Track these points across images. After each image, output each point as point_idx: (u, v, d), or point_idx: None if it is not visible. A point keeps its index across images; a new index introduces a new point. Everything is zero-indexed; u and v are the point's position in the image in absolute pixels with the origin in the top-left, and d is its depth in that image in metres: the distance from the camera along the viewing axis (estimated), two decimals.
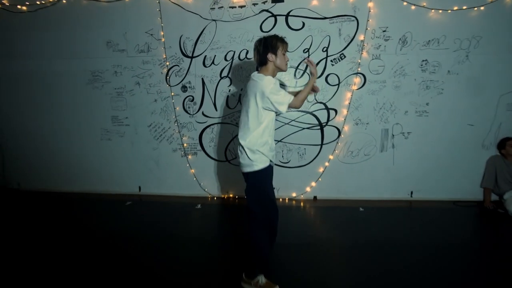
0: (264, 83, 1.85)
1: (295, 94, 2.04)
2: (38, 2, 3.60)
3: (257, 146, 1.89)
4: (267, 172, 1.95)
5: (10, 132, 3.85)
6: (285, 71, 2.05)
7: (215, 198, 3.64)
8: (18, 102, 3.77)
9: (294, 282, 1.99)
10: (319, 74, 3.38)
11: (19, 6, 3.61)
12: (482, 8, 3.19)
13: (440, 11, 3.22)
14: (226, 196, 3.67)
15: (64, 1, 3.55)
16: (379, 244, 2.48)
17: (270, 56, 1.91)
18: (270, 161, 1.96)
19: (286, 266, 2.16)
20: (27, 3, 3.60)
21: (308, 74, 3.33)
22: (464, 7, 3.20)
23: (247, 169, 1.92)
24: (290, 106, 1.93)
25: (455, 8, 3.21)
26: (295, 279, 2.02)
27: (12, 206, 3.41)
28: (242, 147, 1.92)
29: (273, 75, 1.97)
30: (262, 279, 1.89)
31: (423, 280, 2.00)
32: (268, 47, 1.91)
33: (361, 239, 2.57)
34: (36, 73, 3.69)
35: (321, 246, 2.48)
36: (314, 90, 2.15)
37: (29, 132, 3.81)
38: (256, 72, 1.99)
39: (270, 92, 1.83)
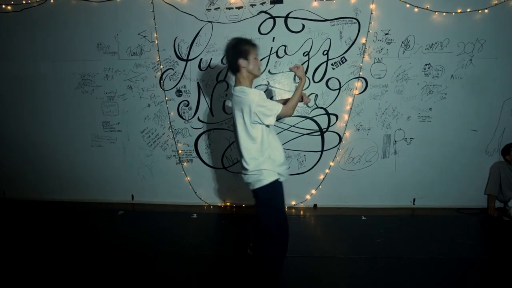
0: (249, 98, 1.74)
1: (284, 101, 1.93)
2: (23, 2, 3.41)
3: (260, 166, 1.78)
4: (277, 186, 1.83)
5: None
6: (258, 76, 1.95)
7: (211, 206, 3.50)
8: (3, 106, 3.58)
9: None
10: (320, 78, 3.27)
11: (3, 6, 3.42)
12: (486, 11, 3.12)
13: (444, 13, 3.14)
14: (223, 204, 3.54)
15: (52, 1, 3.38)
16: (382, 256, 2.38)
17: (242, 62, 1.82)
18: (279, 174, 1.84)
19: (287, 279, 2.04)
20: (12, 2, 3.41)
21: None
22: (468, 10, 3.12)
23: (256, 186, 1.81)
24: (280, 116, 1.83)
25: (459, 10, 3.12)
26: None
27: None
28: (245, 169, 1.82)
29: (251, 82, 1.88)
30: None
31: None
32: (239, 52, 1.81)
33: (362, 251, 2.46)
34: (22, 76, 3.50)
35: (323, 258, 2.37)
36: (303, 100, 2.03)
37: (15, 138, 3.62)
38: (236, 86, 1.87)
39: (256, 105, 1.73)
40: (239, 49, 1.82)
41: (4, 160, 3.70)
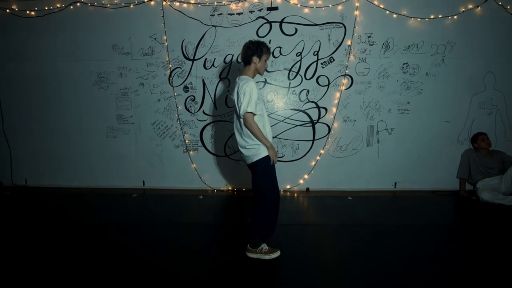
0: (247, 84, 2.11)
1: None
2: (46, 8, 3.81)
3: (257, 142, 2.17)
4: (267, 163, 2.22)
5: (19, 130, 4.04)
6: (261, 74, 2.38)
7: (215, 190, 3.91)
8: (26, 102, 3.97)
9: (289, 255, 2.27)
10: (311, 75, 3.70)
11: (28, 12, 3.82)
12: (455, 17, 3.57)
13: (419, 19, 3.58)
14: (225, 188, 3.94)
15: (72, 7, 3.78)
16: (364, 225, 2.79)
17: (255, 59, 2.21)
18: None
19: (282, 242, 2.43)
20: (36, 8, 3.81)
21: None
22: (440, 16, 3.57)
23: (254, 159, 2.18)
24: (245, 118, 2.11)
25: (432, 16, 3.57)
26: (290, 253, 2.30)
27: (20, 202, 3.58)
28: (245, 144, 2.19)
29: (253, 76, 2.28)
30: (265, 246, 2.20)
31: (404, 253, 2.31)
32: (256, 50, 2.20)
33: (348, 221, 2.88)
34: (44, 75, 3.90)
35: (312, 226, 2.79)
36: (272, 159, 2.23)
37: (36, 131, 4.01)
38: (241, 75, 2.27)
39: (244, 91, 2.09)
40: (257, 48, 2.20)
41: (26, 151, 4.08)
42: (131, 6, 3.71)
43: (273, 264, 2.15)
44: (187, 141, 3.89)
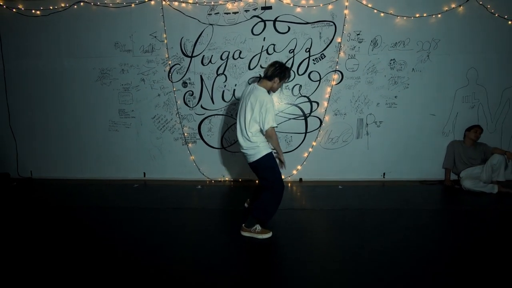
0: (268, 98, 2.36)
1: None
2: (51, 7, 4.00)
3: (260, 142, 2.42)
4: (272, 155, 2.48)
5: (25, 125, 4.22)
6: (273, 92, 2.60)
7: (213, 181, 4.10)
8: (33, 97, 4.15)
9: (283, 235, 2.46)
10: (303, 71, 3.90)
11: (33, 11, 4.00)
12: (439, 15, 3.77)
13: (405, 17, 3.78)
14: (222, 179, 4.13)
15: (75, 6, 3.97)
16: (353, 209, 2.99)
17: (276, 79, 2.45)
18: (270, 148, 2.50)
19: (275, 224, 2.63)
20: (41, 8, 4.00)
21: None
22: (425, 14, 3.77)
23: (257, 157, 2.41)
24: (268, 131, 2.38)
25: (417, 15, 3.77)
26: (284, 234, 2.49)
27: (26, 192, 3.76)
28: (249, 143, 2.41)
29: (268, 89, 2.50)
30: (258, 227, 2.40)
31: (390, 231, 2.50)
32: (280, 73, 2.44)
33: (338, 206, 3.08)
34: (49, 71, 4.08)
35: (304, 210, 2.98)
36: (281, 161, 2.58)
37: (42, 125, 4.19)
38: (260, 85, 2.48)
39: (267, 107, 2.32)
40: (282, 72, 2.45)
41: (31, 144, 4.26)
42: (132, 5, 3.90)
43: (265, 243, 2.34)
44: (185, 134, 4.08)
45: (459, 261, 2.06)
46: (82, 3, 3.94)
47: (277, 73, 2.44)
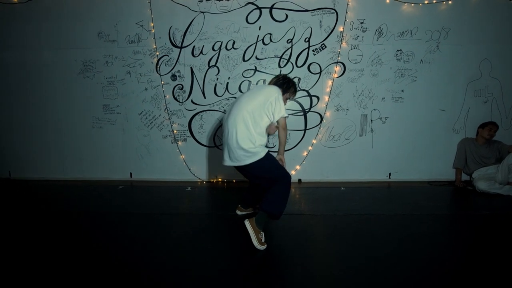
0: (279, 92, 2.26)
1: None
2: None
3: (262, 144, 2.23)
4: (269, 153, 2.28)
5: (2, 122, 3.91)
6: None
7: (204, 182, 3.79)
8: (9, 92, 3.84)
9: (279, 244, 2.16)
10: (302, 63, 3.60)
11: None
12: (450, 2, 3.47)
13: (413, 4, 3.49)
14: (215, 180, 3.83)
15: None
16: (356, 215, 2.68)
17: (286, 94, 2.42)
18: (267, 147, 2.31)
19: (273, 231, 2.33)
20: None
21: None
22: (434, 1, 3.47)
23: (255, 158, 2.16)
24: (281, 121, 2.27)
25: (426, 1, 3.48)
26: (280, 242, 2.19)
27: (3, 194, 3.45)
28: (251, 146, 2.16)
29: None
30: (263, 236, 2.09)
31: (394, 242, 2.20)
32: (290, 89, 2.44)
33: (340, 210, 2.77)
34: (27, 64, 3.77)
35: (303, 216, 2.68)
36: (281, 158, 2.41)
37: (20, 121, 3.88)
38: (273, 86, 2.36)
39: (276, 97, 2.21)
40: (290, 88, 2.43)
41: (10, 142, 3.94)
42: None
43: (261, 253, 2.04)
44: (175, 132, 3.78)
45: (478, 275, 1.76)
46: None
47: (290, 88, 2.41)
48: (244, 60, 3.60)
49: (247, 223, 2.08)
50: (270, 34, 3.57)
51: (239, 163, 2.21)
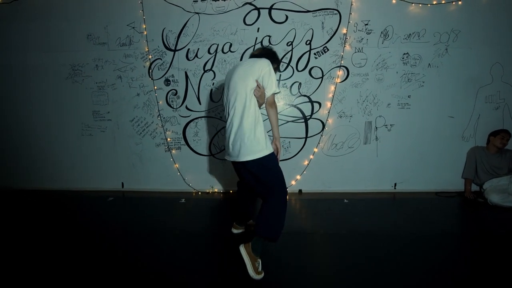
0: (268, 63, 1.97)
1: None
2: None
3: (265, 139, 1.97)
4: (275, 154, 2.04)
5: None
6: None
7: (199, 193, 3.59)
8: None
9: (277, 268, 1.98)
10: (303, 67, 3.40)
11: None
12: (460, 2, 3.27)
13: (420, 5, 3.29)
14: (210, 191, 3.63)
15: None
16: (361, 234, 2.48)
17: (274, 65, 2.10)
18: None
19: (271, 253, 2.13)
20: None
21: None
22: (443, 1, 3.27)
23: (262, 155, 1.92)
24: (270, 98, 2.01)
25: (435, 2, 3.28)
26: (279, 265, 2.01)
27: None
28: (254, 140, 1.93)
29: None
30: (260, 265, 1.89)
31: (404, 267, 2.01)
32: (275, 59, 2.19)
33: (343, 229, 2.57)
34: (12, 67, 3.56)
35: (304, 234, 2.48)
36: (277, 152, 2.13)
37: (5, 129, 3.67)
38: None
39: (269, 70, 1.95)
40: (276, 58, 2.21)
41: None
42: None
43: (257, 282, 1.84)
44: (169, 139, 3.58)
45: None
46: None
47: (266, 54, 2.12)
48: None
49: (242, 250, 1.88)
50: (269, 36, 3.37)
51: (241, 158, 1.96)
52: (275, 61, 2.18)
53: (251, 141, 1.91)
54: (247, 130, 1.92)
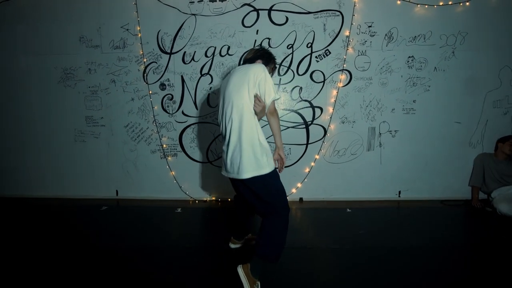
0: (263, 68, 1.83)
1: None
2: None
3: (268, 154, 1.85)
4: (277, 171, 1.91)
5: None
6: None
7: (196, 201, 3.46)
8: None
9: (278, 285, 1.85)
10: (304, 71, 3.27)
11: None
12: (467, 3, 3.15)
13: (426, 6, 3.17)
14: (208, 199, 3.50)
15: None
16: (365, 247, 2.36)
17: (268, 67, 1.96)
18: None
19: (270, 268, 2.01)
20: None
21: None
22: (450, 3, 3.15)
23: (262, 172, 1.78)
24: (270, 107, 1.86)
25: (441, 3, 3.16)
26: (279, 283, 1.88)
27: None
28: (255, 150, 1.80)
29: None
30: (259, 287, 1.76)
31: (411, 282, 1.89)
32: (269, 60, 2.05)
33: (347, 243, 2.44)
34: (1, 70, 3.43)
35: (304, 250, 2.35)
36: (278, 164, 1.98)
37: None
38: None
39: (265, 76, 1.80)
40: (271, 58, 2.07)
41: None
42: None
43: None
44: (164, 146, 3.45)
45: None
46: None
47: (260, 56, 2.01)
48: None
49: (240, 271, 1.75)
50: (269, 38, 3.24)
51: (240, 176, 1.81)
52: (271, 61, 2.05)
53: (250, 157, 1.77)
54: (246, 145, 1.78)
